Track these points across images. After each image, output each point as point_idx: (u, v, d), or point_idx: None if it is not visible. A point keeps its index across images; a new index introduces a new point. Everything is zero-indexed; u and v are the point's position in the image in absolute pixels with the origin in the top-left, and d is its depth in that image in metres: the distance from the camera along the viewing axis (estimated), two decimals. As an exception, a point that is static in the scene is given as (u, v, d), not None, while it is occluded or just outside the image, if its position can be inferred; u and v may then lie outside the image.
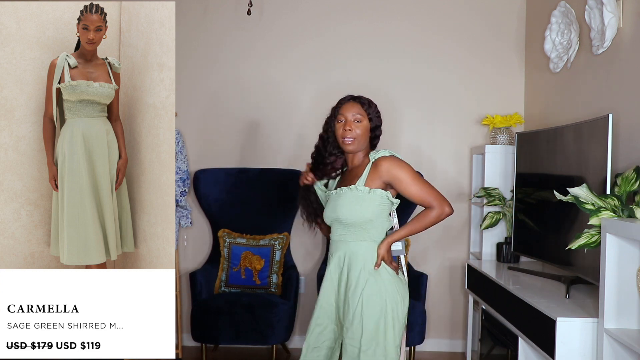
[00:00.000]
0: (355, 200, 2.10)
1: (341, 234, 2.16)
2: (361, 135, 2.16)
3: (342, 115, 2.16)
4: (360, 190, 2.10)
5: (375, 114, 2.20)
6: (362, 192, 2.10)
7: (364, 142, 2.18)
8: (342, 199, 2.12)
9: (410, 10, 3.87)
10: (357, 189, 2.10)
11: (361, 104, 2.19)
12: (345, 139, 2.15)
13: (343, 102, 2.21)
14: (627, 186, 2.22)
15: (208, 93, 3.92)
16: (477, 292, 3.18)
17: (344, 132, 2.14)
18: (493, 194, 3.37)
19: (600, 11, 2.65)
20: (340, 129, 2.16)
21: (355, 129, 2.14)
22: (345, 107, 2.18)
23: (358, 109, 2.17)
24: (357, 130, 2.14)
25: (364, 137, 2.17)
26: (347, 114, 2.16)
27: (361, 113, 2.17)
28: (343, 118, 2.16)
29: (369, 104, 2.20)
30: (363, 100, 2.20)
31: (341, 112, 2.17)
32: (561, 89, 3.25)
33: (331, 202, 2.17)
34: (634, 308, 2.03)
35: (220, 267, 3.62)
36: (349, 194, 2.12)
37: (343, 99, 2.22)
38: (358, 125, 2.15)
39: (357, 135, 2.15)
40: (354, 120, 2.15)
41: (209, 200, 3.78)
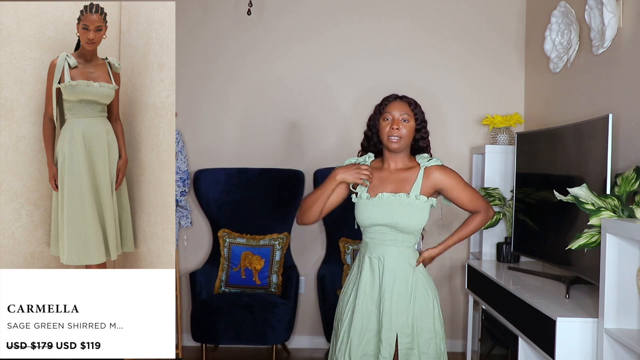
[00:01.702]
0: (415, 208, 2.09)
1: (389, 238, 2.11)
2: (407, 135, 2.12)
3: (389, 114, 2.12)
4: (419, 199, 2.09)
5: (421, 115, 2.16)
6: (420, 201, 2.09)
7: (408, 142, 2.15)
8: (400, 205, 2.09)
9: (411, 11, 3.86)
10: (416, 198, 2.09)
11: (408, 103, 2.15)
12: (391, 137, 2.10)
13: (390, 101, 2.17)
14: (627, 186, 2.22)
15: (208, 93, 3.92)
16: (477, 292, 3.18)
17: (391, 130, 2.10)
18: (493, 194, 3.37)
19: (600, 11, 2.65)
20: (387, 127, 2.11)
21: (402, 128, 2.10)
22: (393, 106, 2.14)
23: (405, 108, 2.13)
24: (403, 130, 2.11)
25: (409, 137, 2.13)
26: (395, 112, 2.12)
27: (408, 112, 2.13)
28: (390, 116, 2.12)
29: (415, 105, 2.17)
30: (410, 100, 2.17)
31: (388, 110, 2.13)
32: (561, 89, 3.25)
33: (381, 205, 2.10)
34: (634, 308, 2.03)
35: (220, 267, 3.62)
36: (406, 201, 2.09)
37: (389, 97, 2.18)
38: (405, 124, 2.11)
39: (403, 134, 2.11)
40: (401, 120, 2.11)
41: (209, 200, 3.78)
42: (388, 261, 2.11)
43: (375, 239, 2.13)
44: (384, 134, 2.12)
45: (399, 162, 2.16)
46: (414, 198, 2.09)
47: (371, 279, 2.13)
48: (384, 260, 2.11)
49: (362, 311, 2.12)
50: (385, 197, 2.11)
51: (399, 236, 2.11)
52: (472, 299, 3.45)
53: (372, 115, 2.21)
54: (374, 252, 2.14)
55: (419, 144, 2.19)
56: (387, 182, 2.14)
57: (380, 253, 2.12)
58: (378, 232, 2.12)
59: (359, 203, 2.15)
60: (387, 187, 2.13)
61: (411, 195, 2.09)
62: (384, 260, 2.11)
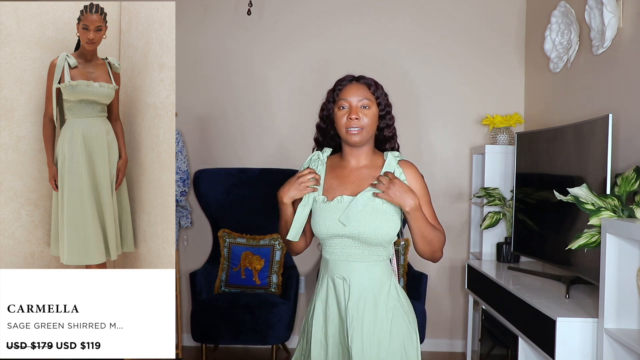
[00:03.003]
0: (382, 214, 1.70)
1: (353, 253, 1.73)
2: (369, 125, 1.75)
3: (345, 101, 1.75)
4: (387, 203, 1.70)
5: (384, 98, 1.80)
6: (389, 205, 1.70)
7: (371, 133, 1.78)
8: (365, 211, 1.69)
9: (411, 11, 3.87)
10: (383, 202, 1.70)
11: (367, 85, 1.79)
12: (350, 129, 1.73)
13: (344, 84, 1.80)
14: (627, 186, 2.22)
15: (208, 93, 3.92)
16: (477, 292, 3.18)
17: (349, 121, 1.73)
18: (493, 194, 3.37)
19: (600, 11, 2.65)
20: (343, 117, 1.74)
21: (363, 116, 1.73)
22: (348, 90, 1.77)
23: (364, 92, 1.77)
24: (364, 119, 1.73)
25: (372, 127, 1.76)
26: (352, 98, 1.75)
27: (368, 97, 1.76)
28: (346, 104, 1.75)
29: (376, 86, 1.81)
30: (369, 81, 1.81)
31: (343, 97, 1.77)
32: (561, 89, 3.25)
33: (340, 211, 1.71)
34: (634, 308, 2.03)
35: (220, 267, 3.62)
36: (371, 204, 1.70)
37: (342, 80, 1.82)
38: (365, 112, 1.74)
39: (365, 124, 1.73)
40: (360, 107, 1.74)
41: (209, 200, 3.78)
42: (355, 282, 1.72)
43: (337, 254, 1.74)
44: (341, 126, 1.75)
45: (361, 157, 1.79)
46: (381, 202, 1.70)
47: (336, 307, 1.75)
48: (349, 281, 1.72)
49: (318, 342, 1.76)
50: (345, 201, 1.72)
51: (366, 250, 1.72)
52: (472, 299, 3.45)
53: (324, 103, 1.84)
54: (336, 271, 1.74)
55: (384, 133, 1.81)
56: (348, 182, 1.77)
57: (344, 272, 1.73)
58: (339, 245, 1.73)
59: (313, 209, 1.78)
60: (348, 188, 1.75)
61: (376, 199, 1.70)
62: (350, 282, 1.72)
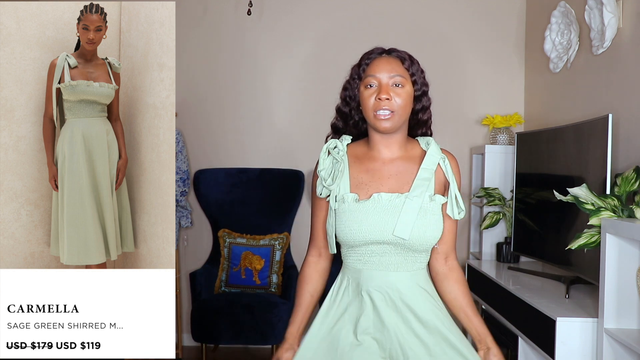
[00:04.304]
0: (430, 215, 1.43)
1: (395, 261, 1.44)
2: (403, 107, 1.44)
3: (373, 77, 1.45)
4: (434, 201, 1.45)
5: (420, 75, 1.50)
6: (436, 204, 1.45)
7: (405, 118, 1.47)
8: (408, 212, 1.41)
9: (411, 11, 3.86)
10: (430, 199, 1.44)
11: (401, 59, 1.48)
12: (379, 113, 1.42)
13: (372, 58, 1.49)
14: (627, 186, 2.22)
15: (208, 93, 3.92)
16: (477, 292, 3.18)
17: (378, 102, 1.42)
18: (493, 194, 3.37)
19: (600, 11, 2.65)
20: (371, 97, 1.43)
21: (395, 96, 1.43)
22: (377, 65, 1.46)
23: (397, 67, 1.46)
24: (397, 99, 1.43)
25: (406, 109, 1.45)
26: (381, 74, 1.44)
27: (401, 73, 1.45)
28: (375, 81, 1.44)
29: (411, 61, 1.50)
30: (402, 55, 1.50)
31: (371, 73, 1.46)
32: (561, 89, 3.25)
33: (380, 212, 1.42)
34: (634, 308, 2.03)
35: (220, 267, 3.62)
36: (415, 205, 1.41)
37: (370, 53, 1.51)
38: (398, 91, 1.44)
39: (397, 106, 1.43)
40: (392, 85, 1.44)
41: (209, 200, 3.78)
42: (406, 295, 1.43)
43: (372, 262, 1.45)
44: (368, 108, 1.44)
45: (394, 147, 1.49)
46: (428, 200, 1.44)
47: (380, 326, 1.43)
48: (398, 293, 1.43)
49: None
50: (384, 200, 1.42)
51: (409, 256, 1.45)
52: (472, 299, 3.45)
53: (347, 81, 1.53)
54: (372, 282, 1.44)
55: (419, 117, 1.52)
56: (383, 177, 1.47)
57: (384, 284, 1.43)
58: (376, 253, 1.44)
59: (341, 210, 1.45)
60: (384, 185, 1.46)
61: (424, 197, 1.44)
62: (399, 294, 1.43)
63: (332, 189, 1.46)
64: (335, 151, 1.50)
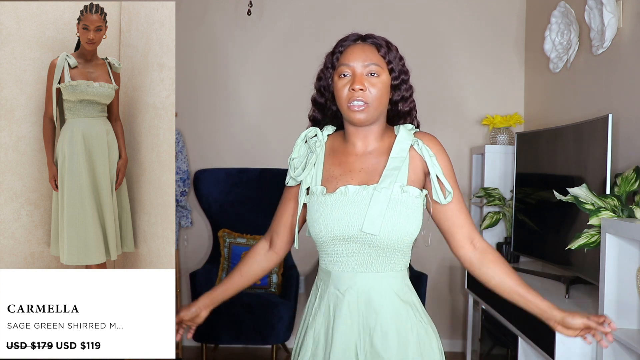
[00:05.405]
0: (402, 207, 1.33)
1: (364, 261, 1.35)
2: (378, 98, 1.35)
3: (346, 67, 1.37)
4: (407, 193, 1.34)
5: (397, 63, 1.41)
6: (409, 196, 1.34)
7: (381, 109, 1.39)
8: (375, 205, 1.31)
9: (411, 11, 3.87)
10: (402, 191, 1.33)
11: (376, 46, 1.39)
12: (352, 104, 1.34)
13: (346, 45, 1.40)
14: (627, 186, 2.22)
15: (208, 93, 3.92)
16: (477, 292, 3.18)
17: (351, 93, 1.34)
18: (493, 194, 3.37)
19: (600, 11, 2.65)
20: (345, 88, 1.36)
21: (370, 87, 1.35)
22: (351, 53, 1.37)
23: (371, 55, 1.37)
24: (371, 90, 1.34)
25: (382, 99, 1.37)
26: (355, 63, 1.36)
27: (377, 62, 1.37)
28: (348, 70, 1.36)
29: (388, 47, 1.40)
30: (378, 42, 1.40)
31: (344, 62, 1.37)
32: (561, 89, 3.25)
33: (346, 205, 1.34)
34: (634, 308, 2.03)
35: (220, 267, 3.62)
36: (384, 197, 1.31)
37: (344, 39, 1.42)
38: (373, 81, 1.35)
39: (372, 97, 1.34)
40: (366, 74, 1.36)
41: (209, 200, 3.78)
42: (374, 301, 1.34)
43: (341, 262, 1.36)
44: (342, 99, 1.36)
45: (370, 139, 1.41)
46: (399, 191, 1.33)
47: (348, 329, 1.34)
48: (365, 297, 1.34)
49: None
50: (351, 193, 1.34)
51: (380, 255, 1.34)
52: (472, 298, 3.45)
53: (321, 70, 1.46)
54: (339, 285, 1.35)
55: (399, 107, 1.43)
56: (354, 171, 1.39)
57: (352, 286, 1.35)
58: (344, 251, 1.35)
59: (311, 203, 1.38)
60: (354, 177, 1.37)
61: (393, 187, 1.33)
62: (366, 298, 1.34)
63: (300, 179, 1.41)
64: (313, 140, 1.45)
